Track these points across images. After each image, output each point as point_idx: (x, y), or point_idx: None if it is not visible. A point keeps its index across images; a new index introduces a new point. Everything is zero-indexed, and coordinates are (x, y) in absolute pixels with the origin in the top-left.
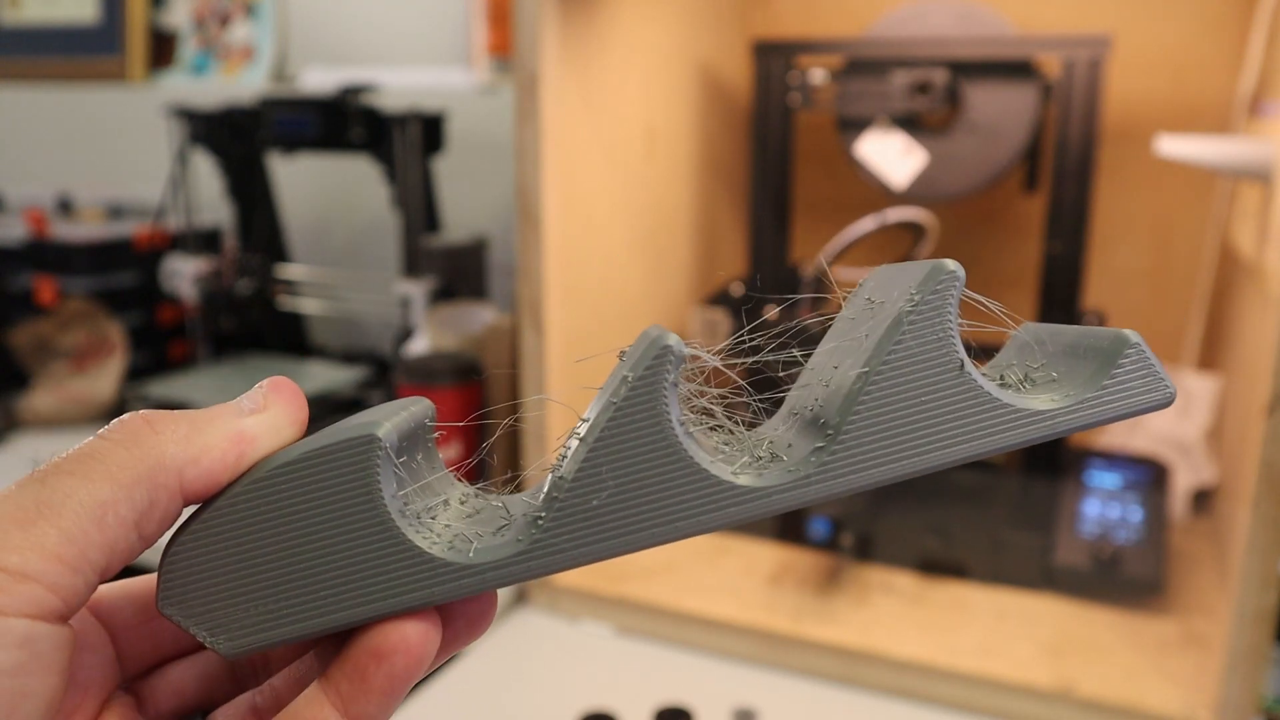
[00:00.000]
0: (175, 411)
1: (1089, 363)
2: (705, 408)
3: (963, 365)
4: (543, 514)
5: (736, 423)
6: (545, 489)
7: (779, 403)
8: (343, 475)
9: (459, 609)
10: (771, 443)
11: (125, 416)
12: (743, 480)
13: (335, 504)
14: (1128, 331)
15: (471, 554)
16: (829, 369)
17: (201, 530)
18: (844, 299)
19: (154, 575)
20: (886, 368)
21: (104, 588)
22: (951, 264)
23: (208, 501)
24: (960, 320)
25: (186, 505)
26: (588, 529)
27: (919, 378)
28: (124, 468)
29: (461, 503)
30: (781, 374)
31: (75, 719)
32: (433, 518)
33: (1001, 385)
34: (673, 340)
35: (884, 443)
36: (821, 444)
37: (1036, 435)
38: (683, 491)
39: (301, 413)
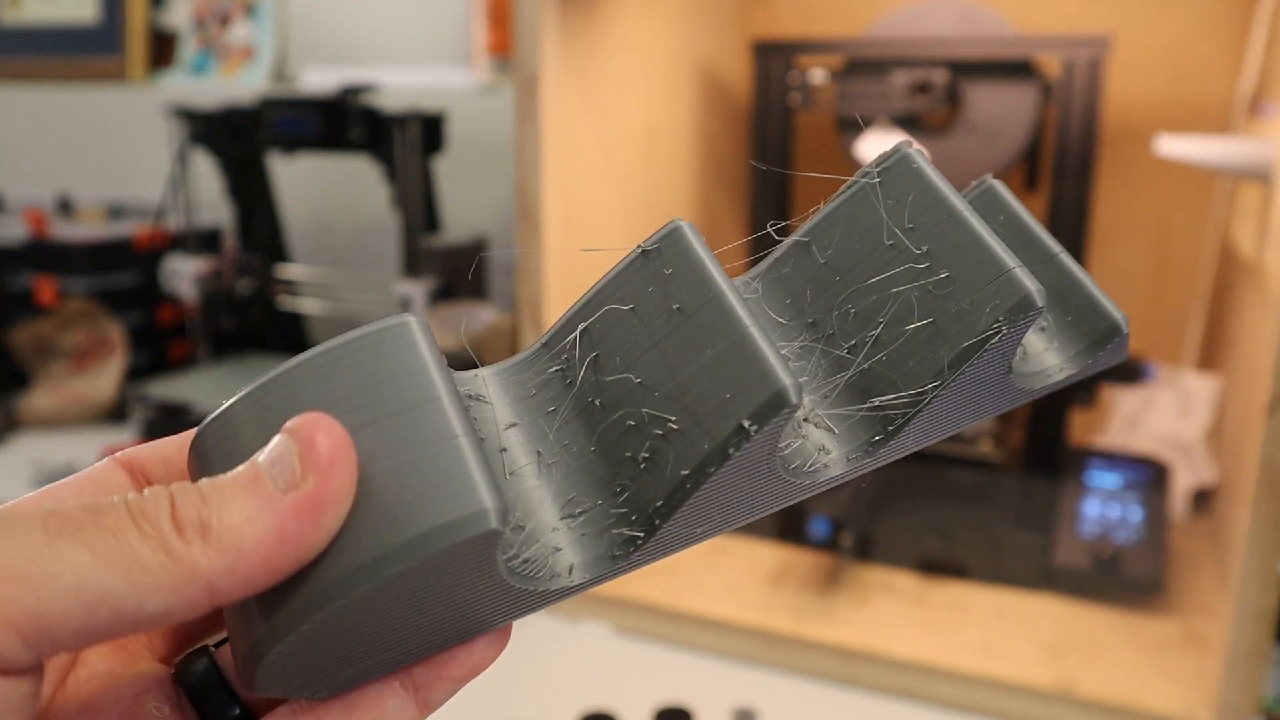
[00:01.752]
0: (201, 498)
1: (1079, 332)
2: None
3: (1009, 372)
4: (641, 537)
5: None
6: (569, 413)
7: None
8: (462, 567)
9: None
10: (810, 401)
11: (148, 500)
12: (808, 479)
13: (450, 586)
14: (1120, 322)
15: (573, 576)
16: (865, 310)
17: (298, 639)
18: (865, 175)
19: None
20: (959, 383)
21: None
22: (1039, 297)
23: (279, 601)
24: None
25: (214, 608)
26: (681, 542)
27: (976, 386)
28: (147, 569)
29: (479, 436)
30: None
31: (56, 661)
32: (526, 540)
33: None
34: (794, 396)
35: (929, 430)
36: (880, 437)
37: (1025, 401)
38: (766, 497)
39: (348, 469)
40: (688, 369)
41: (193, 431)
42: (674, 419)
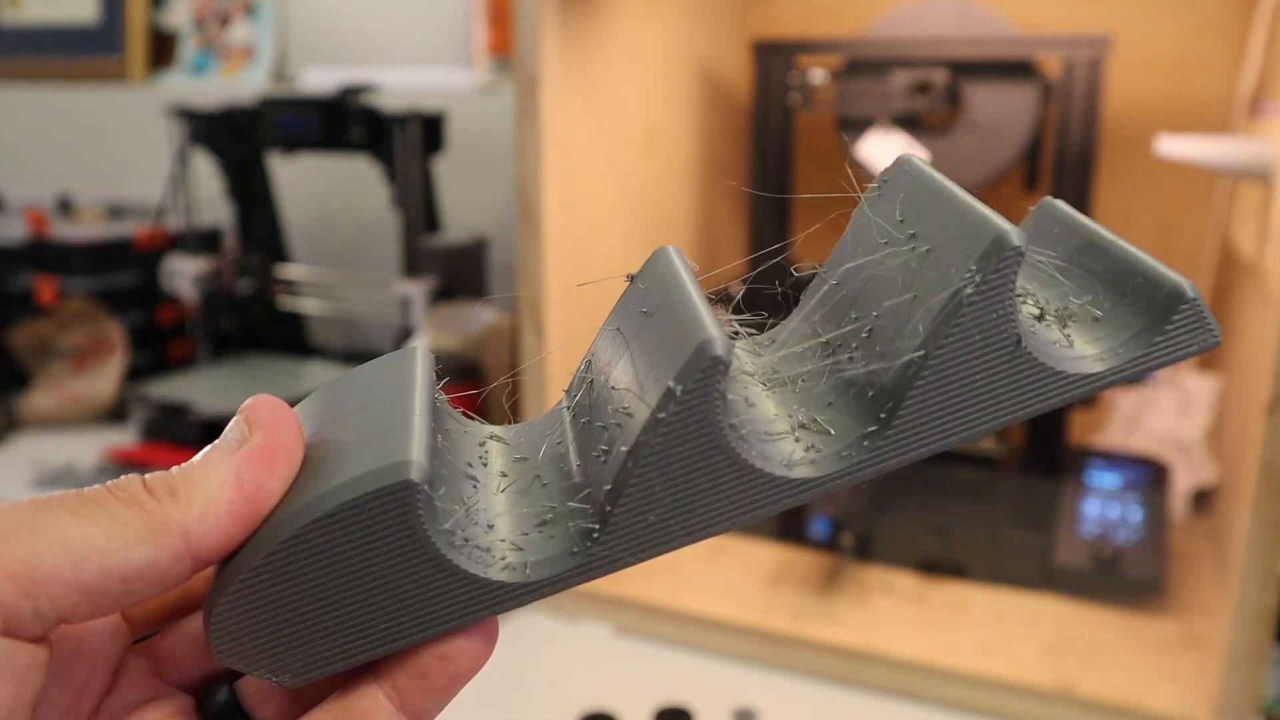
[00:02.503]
0: (167, 472)
1: (1137, 311)
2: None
3: (1019, 341)
4: (596, 529)
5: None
6: (569, 441)
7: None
8: (383, 524)
9: None
10: (806, 407)
11: (123, 479)
12: (798, 474)
13: (381, 549)
14: (1183, 284)
15: (528, 572)
16: (864, 312)
17: (242, 591)
18: (865, 194)
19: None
20: (943, 351)
21: None
22: (1015, 236)
23: (237, 559)
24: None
25: (199, 565)
26: (646, 538)
27: (975, 357)
28: (125, 523)
29: (484, 462)
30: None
31: (88, 690)
32: (474, 523)
33: (1039, 319)
34: (720, 348)
35: (937, 421)
36: (875, 428)
37: (1082, 395)
38: (740, 490)
39: (289, 425)
40: (642, 359)
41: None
42: (628, 407)
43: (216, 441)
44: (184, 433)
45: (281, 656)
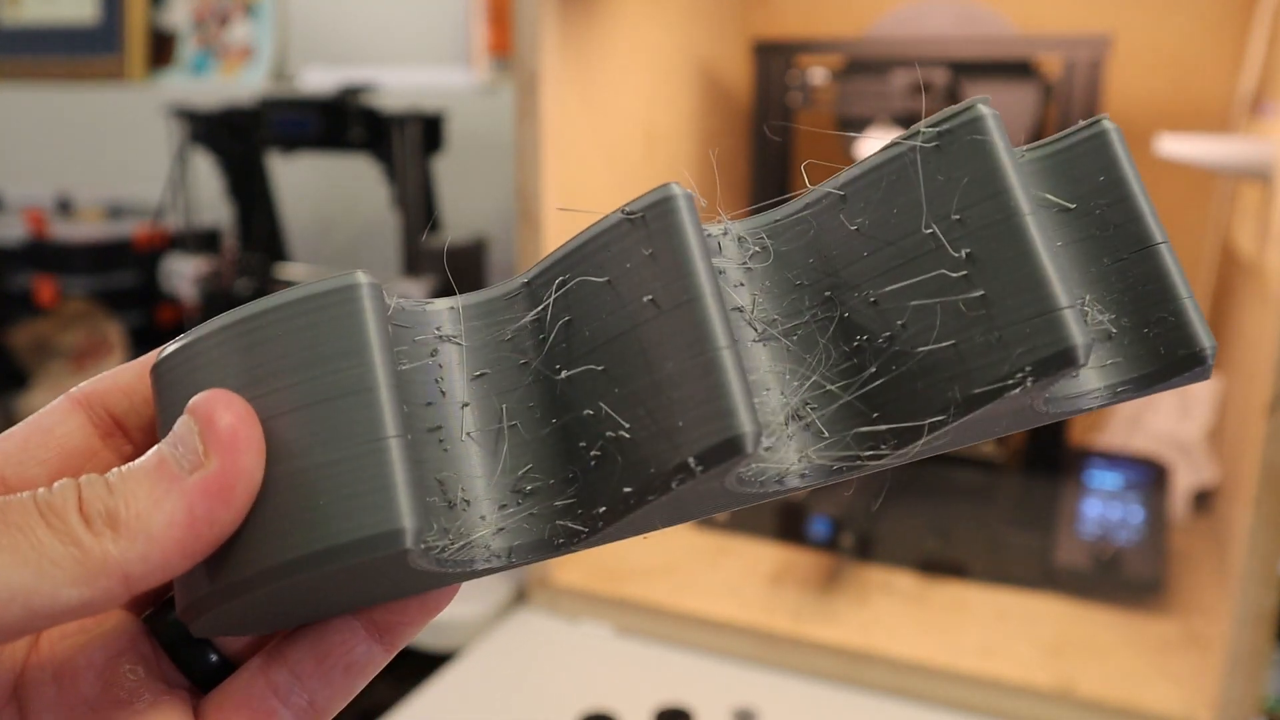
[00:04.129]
0: (108, 489)
1: (1152, 353)
2: None
3: (1032, 405)
4: (584, 532)
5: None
6: (536, 364)
7: None
8: (374, 568)
9: None
10: (801, 382)
11: (55, 495)
12: (789, 485)
13: (371, 579)
14: (1207, 349)
15: (511, 558)
16: (890, 296)
17: (218, 615)
18: (921, 135)
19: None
20: (966, 420)
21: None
22: (1083, 352)
23: (211, 593)
24: None
25: (135, 595)
26: (626, 535)
27: (992, 420)
28: (57, 563)
29: (441, 387)
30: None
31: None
32: (449, 504)
33: None
34: (750, 445)
35: (938, 444)
36: (871, 454)
37: (1076, 413)
38: (724, 501)
39: (252, 443)
40: (649, 374)
41: (151, 357)
42: (627, 425)
43: (164, 451)
44: None
45: (258, 628)
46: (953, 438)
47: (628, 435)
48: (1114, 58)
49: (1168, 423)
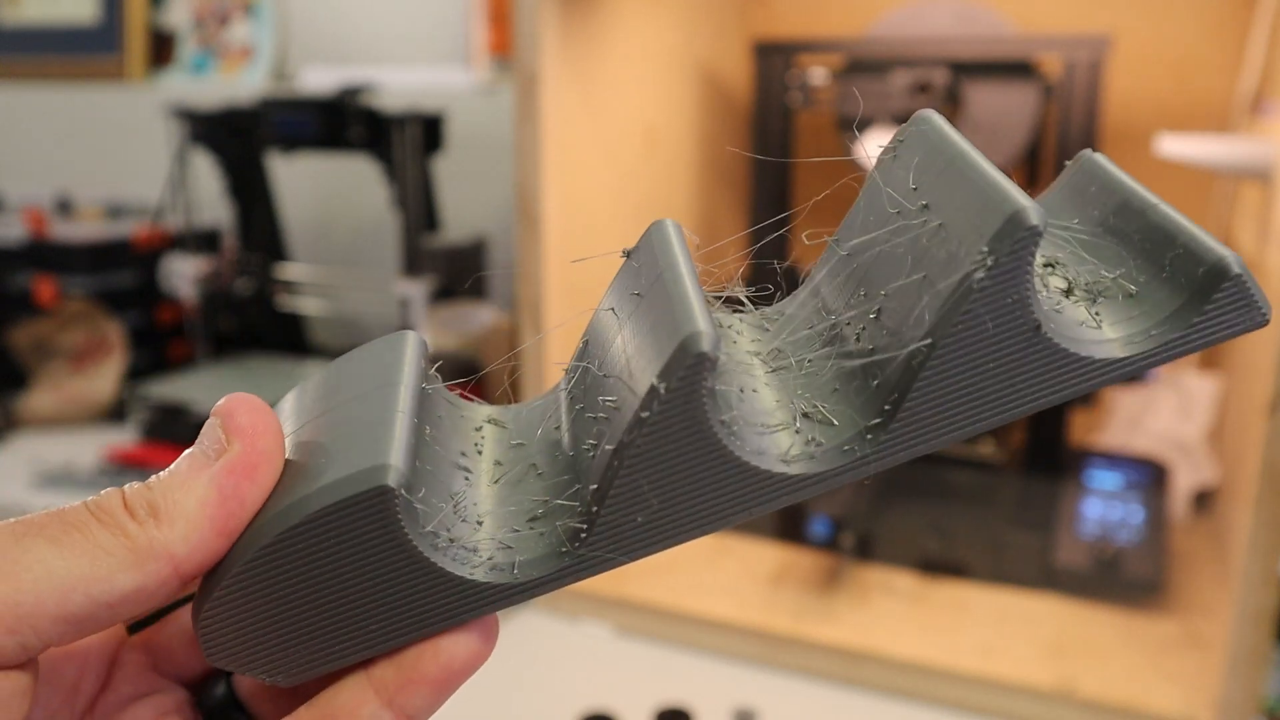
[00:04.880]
0: (147, 487)
1: (1175, 287)
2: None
3: (1039, 327)
4: (584, 530)
5: (771, 362)
6: (564, 428)
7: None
8: (361, 529)
9: None
10: (810, 393)
11: (103, 497)
12: (796, 470)
13: (362, 553)
14: (1229, 260)
15: (516, 571)
16: (873, 288)
17: (225, 597)
18: (879, 155)
19: None
20: (951, 341)
21: None
22: (1033, 214)
23: (222, 564)
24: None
25: (185, 581)
26: (635, 539)
27: (988, 346)
28: (109, 551)
29: (479, 449)
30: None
31: (82, 689)
32: (463, 519)
33: (1067, 294)
34: (707, 343)
35: (946, 414)
36: (879, 420)
37: (1113, 380)
38: (733, 488)
39: (269, 429)
40: (633, 346)
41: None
42: (613, 398)
43: (193, 450)
44: (183, 432)
45: (272, 657)
46: (966, 394)
47: (614, 404)
48: (1114, 58)
49: (1168, 423)
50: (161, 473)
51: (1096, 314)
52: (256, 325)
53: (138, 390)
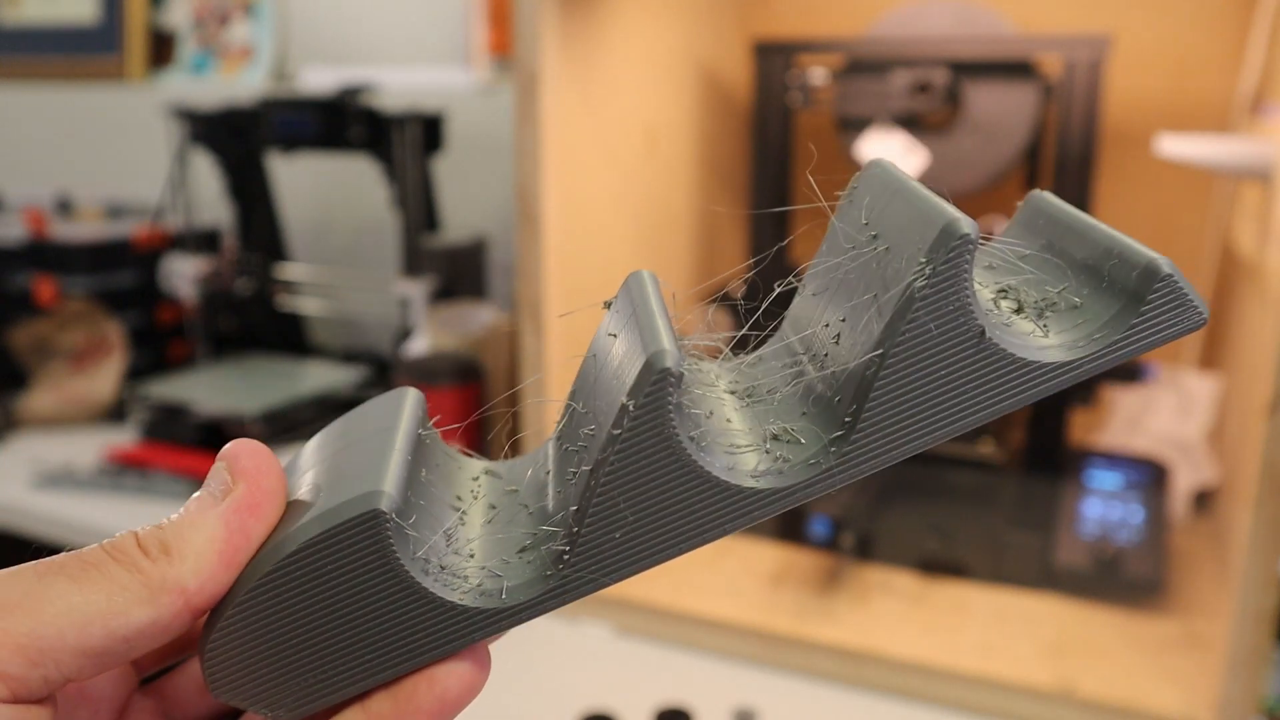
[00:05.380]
0: (159, 527)
1: (1113, 294)
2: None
3: (983, 333)
4: (567, 550)
5: (738, 392)
6: (550, 468)
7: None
8: (356, 554)
9: None
10: (780, 419)
11: (118, 539)
12: (765, 484)
13: (357, 579)
14: (1159, 261)
15: (505, 596)
16: (833, 317)
17: (229, 627)
18: (835, 205)
19: None
20: (901, 349)
21: None
22: (965, 225)
23: (227, 599)
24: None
25: (197, 615)
26: (615, 558)
27: (937, 353)
28: (124, 586)
29: (475, 495)
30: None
31: None
32: (455, 552)
33: (1017, 311)
34: (670, 360)
35: (904, 423)
36: (840, 433)
37: (1062, 384)
38: (705, 505)
39: (271, 470)
40: (608, 379)
41: None
42: (593, 425)
43: (200, 492)
44: (183, 433)
45: (274, 691)
46: (924, 403)
47: (592, 433)
48: (1114, 58)
49: (1168, 423)
50: (172, 515)
51: (1044, 325)
52: (256, 325)
53: (138, 390)
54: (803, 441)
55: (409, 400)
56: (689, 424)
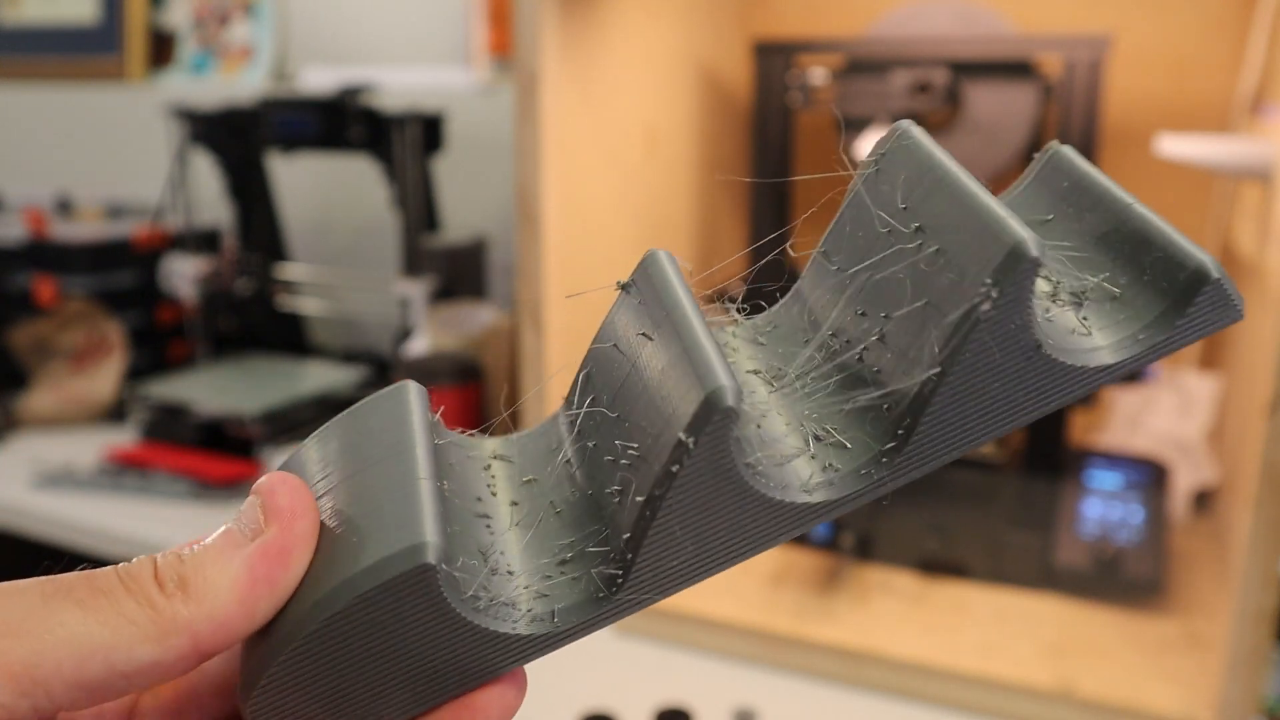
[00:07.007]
0: (179, 558)
1: (1156, 290)
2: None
3: (1039, 346)
4: (620, 576)
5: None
6: (570, 458)
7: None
8: (406, 606)
9: None
10: (818, 414)
11: (134, 565)
12: (818, 498)
13: (407, 629)
14: (1207, 263)
15: (556, 619)
16: (871, 310)
17: (273, 683)
18: (861, 170)
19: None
20: (959, 369)
21: None
22: (1033, 246)
23: (265, 647)
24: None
25: (204, 659)
26: (668, 579)
27: (993, 369)
28: (133, 621)
29: (493, 491)
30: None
31: None
32: (494, 571)
33: (1052, 297)
34: (730, 398)
35: (956, 432)
36: (893, 444)
37: (1105, 383)
38: (761, 523)
39: (307, 514)
40: (647, 392)
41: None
42: (635, 445)
43: (230, 525)
44: (183, 433)
45: None
46: (972, 413)
47: (636, 453)
48: (1114, 58)
49: (1168, 423)
50: (195, 544)
51: (1085, 319)
52: (256, 325)
53: (138, 390)
54: (849, 447)
55: (414, 401)
56: (745, 451)
